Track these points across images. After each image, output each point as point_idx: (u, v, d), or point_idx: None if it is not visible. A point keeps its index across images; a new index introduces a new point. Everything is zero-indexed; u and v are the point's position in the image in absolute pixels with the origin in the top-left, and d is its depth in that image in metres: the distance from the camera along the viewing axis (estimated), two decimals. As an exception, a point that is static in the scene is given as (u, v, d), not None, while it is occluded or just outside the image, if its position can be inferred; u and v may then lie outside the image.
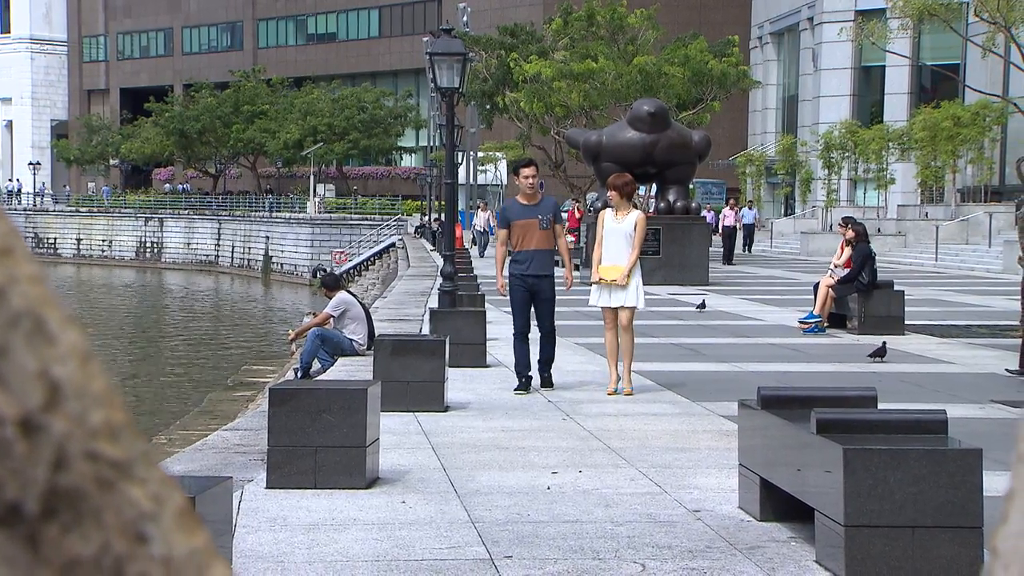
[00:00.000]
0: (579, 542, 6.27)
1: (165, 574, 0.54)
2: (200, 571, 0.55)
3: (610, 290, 11.40)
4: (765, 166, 60.54)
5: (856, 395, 6.95)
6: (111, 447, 0.54)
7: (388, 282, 35.54)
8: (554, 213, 11.76)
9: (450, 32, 15.65)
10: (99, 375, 0.55)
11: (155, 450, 0.61)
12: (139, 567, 0.54)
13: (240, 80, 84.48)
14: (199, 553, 0.55)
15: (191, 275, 73.20)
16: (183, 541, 0.55)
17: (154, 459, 0.56)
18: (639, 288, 11.41)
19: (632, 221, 11.45)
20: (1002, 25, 18.73)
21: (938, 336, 17.04)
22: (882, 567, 5.56)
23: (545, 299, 11.71)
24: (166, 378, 27.87)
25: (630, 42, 46.66)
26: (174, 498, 0.55)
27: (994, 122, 44.67)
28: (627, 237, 11.38)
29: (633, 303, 11.39)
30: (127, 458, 0.54)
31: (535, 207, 11.69)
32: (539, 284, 11.64)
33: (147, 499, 0.55)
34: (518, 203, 11.83)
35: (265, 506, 7.04)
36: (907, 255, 41.64)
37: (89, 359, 0.54)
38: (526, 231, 11.58)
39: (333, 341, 14.79)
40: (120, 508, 0.54)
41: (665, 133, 28.34)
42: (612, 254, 11.42)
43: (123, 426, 0.55)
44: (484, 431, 9.64)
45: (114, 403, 0.55)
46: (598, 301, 11.52)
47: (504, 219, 11.77)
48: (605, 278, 11.37)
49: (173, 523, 0.55)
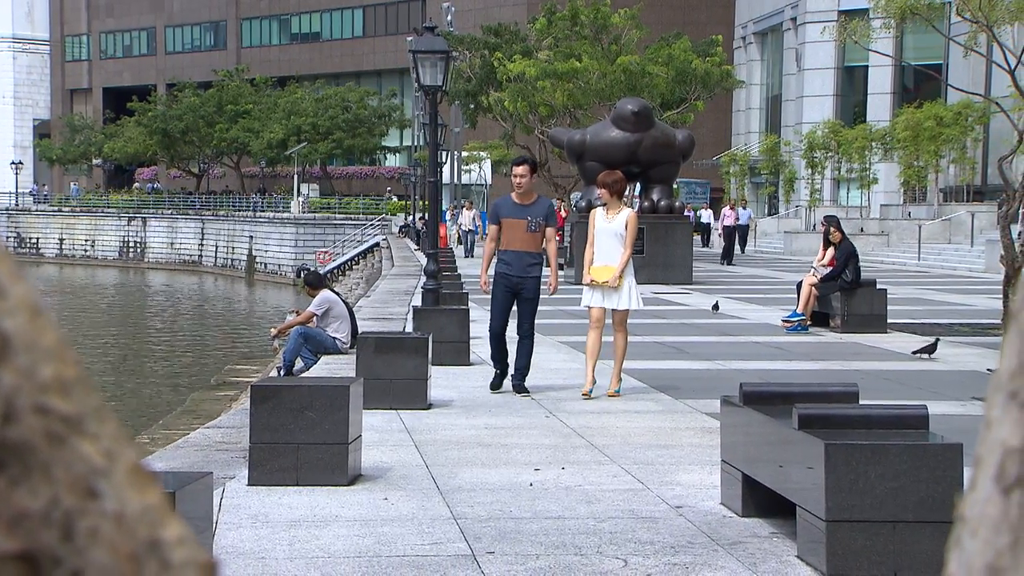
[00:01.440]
0: (561, 538, 6.27)
1: (117, 530, 0.53)
2: (153, 528, 0.54)
3: (603, 291, 11.06)
4: (749, 166, 60.65)
5: (838, 391, 6.96)
6: (62, 401, 0.54)
7: (372, 281, 35.50)
8: (547, 216, 11.36)
9: (433, 30, 15.63)
10: (50, 329, 0.54)
11: (108, 407, 0.59)
12: (90, 522, 0.53)
13: (223, 79, 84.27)
14: (152, 510, 0.54)
15: (174, 275, 72.99)
16: (136, 498, 0.54)
17: (107, 416, 0.55)
18: (633, 289, 11.09)
19: (623, 220, 11.11)
20: (984, 24, 18.78)
21: (921, 335, 17.07)
22: (863, 562, 5.56)
23: (528, 298, 11.37)
24: (149, 378, 27.78)
25: (614, 41, 46.70)
26: (127, 455, 0.54)
27: (976, 122, 44.84)
28: (618, 236, 11.06)
29: (627, 305, 11.06)
30: (78, 413, 0.54)
31: (527, 207, 11.33)
32: (523, 283, 11.33)
33: (99, 455, 0.54)
34: (511, 201, 11.48)
35: (246, 503, 7.02)
36: (890, 255, 41.76)
37: (39, 312, 0.53)
38: (512, 231, 11.28)
39: (316, 339, 14.76)
40: (70, 463, 0.53)
41: (649, 132, 28.38)
42: (603, 254, 11.10)
43: (75, 381, 0.54)
44: (467, 428, 9.64)
45: (65, 358, 0.54)
46: (591, 302, 11.16)
47: (494, 215, 11.45)
48: (597, 279, 11.04)
49: (125, 479, 0.54)
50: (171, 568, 0.53)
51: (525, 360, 11.41)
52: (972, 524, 0.77)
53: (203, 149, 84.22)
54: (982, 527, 0.76)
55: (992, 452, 0.77)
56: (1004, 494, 0.75)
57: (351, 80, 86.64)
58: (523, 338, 11.41)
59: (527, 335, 11.41)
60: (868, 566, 5.56)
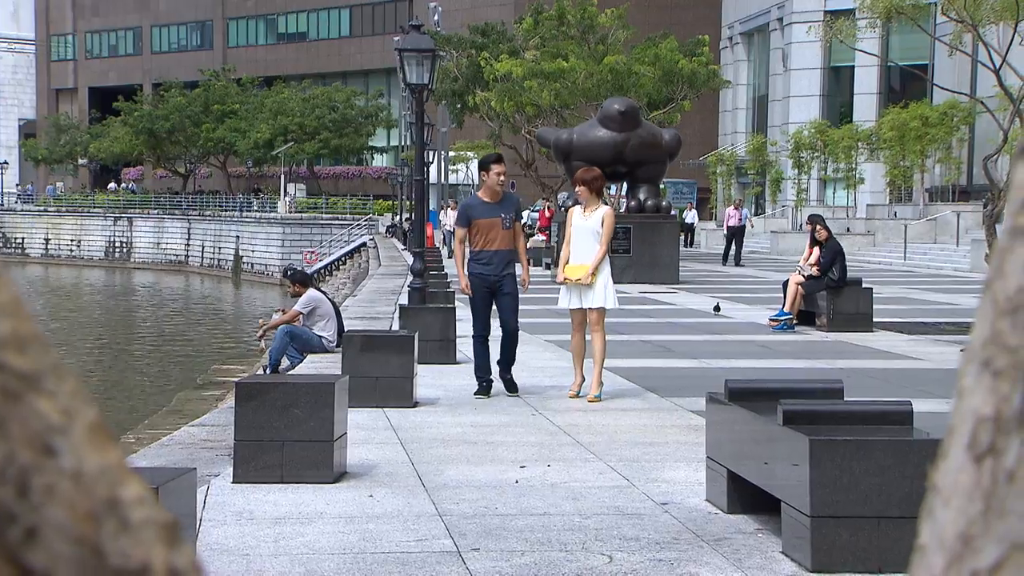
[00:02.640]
0: (547, 534, 6.26)
1: (74, 488, 0.52)
2: (112, 487, 0.53)
3: (579, 291, 10.78)
4: (735, 166, 60.74)
5: (823, 387, 6.97)
6: (18, 358, 0.53)
7: (359, 281, 35.45)
8: (516, 211, 11.16)
9: (419, 28, 15.62)
10: (5, 286, 0.53)
11: (66, 365, 0.58)
12: (46, 479, 0.52)
13: (210, 79, 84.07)
14: (112, 469, 0.54)
15: (161, 275, 72.79)
16: (94, 456, 0.53)
17: (65, 374, 0.55)
18: (608, 287, 10.79)
19: (599, 217, 10.84)
20: (969, 24, 18.82)
21: (906, 333, 17.12)
22: (847, 557, 5.57)
23: (507, 293, 11.09)
24: (134, 378, 27.70)
25: (600, 41, 46.72)
26: (86, 413, 0.54)
27: (962, 122, 44.95)
28: (594, 234, 10.79)
29: (601, 303, 10.76)
30: (35, 370, 0.53)
31: (498, 205, 11.08)
32: (501, 281, 11.06)
33: (56, 412, 0.53)
34: (481, 201, 11.17)
35: (231, 500, 7.00)
36: (876, 254, 41.85)
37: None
38: (489, 231, 11.00)
39: (302, 338, 14.73)
40: (26, 420, 0.52)
41: (636, 132, 28.39)
42: (579, 253, 10.83)
43: (32, 337, 0.53)
44: (453, 426, 9.63)
45: (21, 314, 0.53)
46: (568, 303, 10.89)
47: (465, 217, 11.11)
48: (570, 277, 10.77)
49: (84, 438, 0.53)
50: (130, 527, 0.53)
51: (511, 351, 11.17)
52: (944, 494, 0.77)
53: (189, 149, 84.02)
54: (954, 496, 0.75)
55: (964, 421, 0.77)
56: (976, 462, 0.74)
57: (338, 80, 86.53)
58: (508, 332, 11.16)
59: (512, 330, 11.15)
60: (852, 561, 5.56)
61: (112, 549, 0.51)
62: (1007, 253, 0.77)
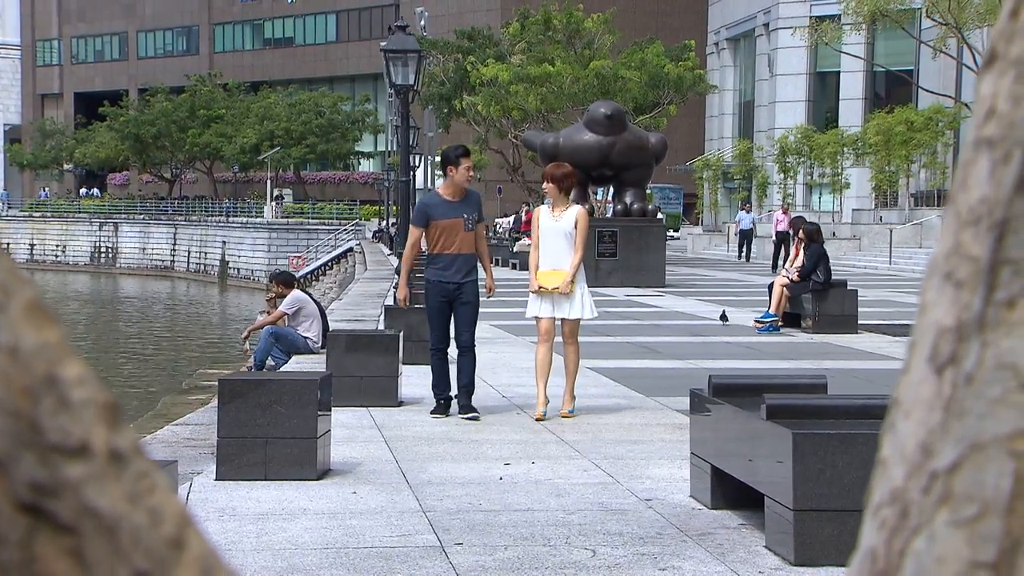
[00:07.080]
0: (530, 530, 6.25)
1: (11, 364, 0.51)
2: (51, 365, 0.52)
3: (552, 299, 9.74)
4: (722, 171, 60.86)
5: (806, 383, 6.98)
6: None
7: (345, 285, 35.41)
8: (479, 211, 10.02)
9: (404, 29, 15.62)
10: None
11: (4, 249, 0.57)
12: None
13: (196, 84, 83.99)
14: (50, 347, 0.53)
15: (147, 280, 72.64)
16: (32, 334, 0.52)
17: (3, 253, 0.53)
18: (585, 295, 9.79)
19: (572, 218, 9.78)
20: (954, 26, 18.90)
21: (891, 335, 17.15)
22: (831, 551, 5.56)
23: (466, 303, 9.87)
24: (119, 382, 27.62)
25: (587, 46, 46.80)
26: (24, 291, 0.53)
27: (947, 127, 45.10)
28: (567, 236, 9.75)
29: (579, 314, 9.75)
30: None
31: (460, 204, 9.87)
32: (460, 289, 9.85)
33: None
34: (441, 199, 9.93)
35: (214, 497, 6.98)
36: (861, 259, 41.95)
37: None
38: (449, 232, 9.80)
39: (287, 339, 14.71)
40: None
41: (622, 135, 28.42)
42: (551, 257, 9.75)
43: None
44: (437, 425, 9.61)
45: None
46: (539, 312, 9.79)
47: (423, 216, 9.92)
48: (546, 286, 9.71)
49: (21, 315, 0.52)
50: (70, 406, 0.51)
51: (470, 373, 9.88)
52: (905, 406, 0.76)
53: (175, 154, 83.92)
54: (915, 408, 0.75)
55: (926, 334, 0.76)
56: (937, 373, 0.74)
57: (324, 85, 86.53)
58: (463, 352, 9.90)
59: (468, 347, 9.88)
60: (836, 555, 5.56)
61: (50, 425, 0.50)
62: (970, 165, 0.76)
